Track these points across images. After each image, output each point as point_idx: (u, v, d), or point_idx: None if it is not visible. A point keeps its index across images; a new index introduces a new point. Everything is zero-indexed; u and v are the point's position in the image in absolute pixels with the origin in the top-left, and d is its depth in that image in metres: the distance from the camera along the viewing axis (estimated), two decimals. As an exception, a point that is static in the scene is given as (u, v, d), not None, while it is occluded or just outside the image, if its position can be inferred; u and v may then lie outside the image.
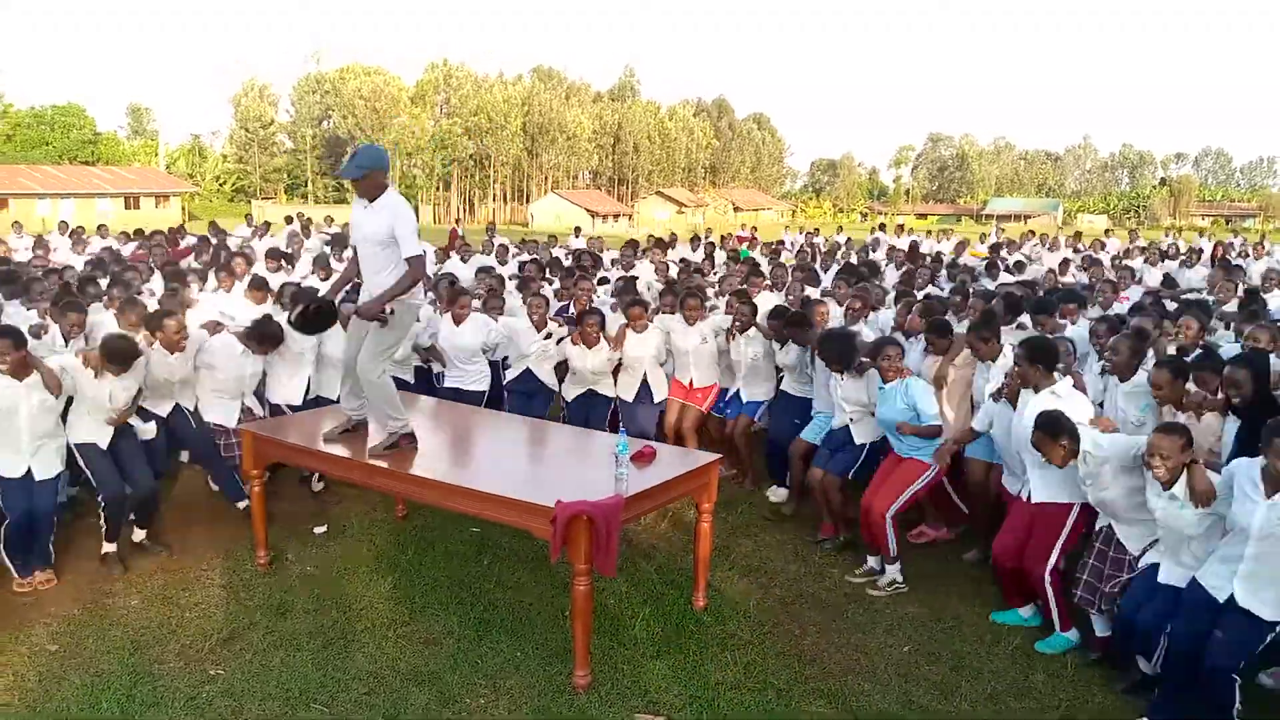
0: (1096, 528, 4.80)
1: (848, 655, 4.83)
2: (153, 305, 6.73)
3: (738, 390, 7.37)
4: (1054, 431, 4.44)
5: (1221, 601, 3.93)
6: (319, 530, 6.33)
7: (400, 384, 6.11)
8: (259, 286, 7.87)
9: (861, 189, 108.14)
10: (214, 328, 6.49)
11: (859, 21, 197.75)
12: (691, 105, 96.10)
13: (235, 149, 77.16)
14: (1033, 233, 21.74)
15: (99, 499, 5.62)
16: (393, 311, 4.95)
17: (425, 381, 7.77)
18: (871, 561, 5.82)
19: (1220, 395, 4.93)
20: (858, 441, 6.09)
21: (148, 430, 6.02)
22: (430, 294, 7.87)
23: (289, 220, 20.00)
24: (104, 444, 5.62)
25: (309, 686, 4.39)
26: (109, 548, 5.70)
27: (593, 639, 4.50)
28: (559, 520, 4.11)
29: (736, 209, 78.20)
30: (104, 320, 6.78)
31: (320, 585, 5.51)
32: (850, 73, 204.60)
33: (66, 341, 6.41)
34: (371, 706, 4.24)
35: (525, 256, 13.43)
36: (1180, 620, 4.08)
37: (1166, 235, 26.95)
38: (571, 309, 8.27)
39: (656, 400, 7.40)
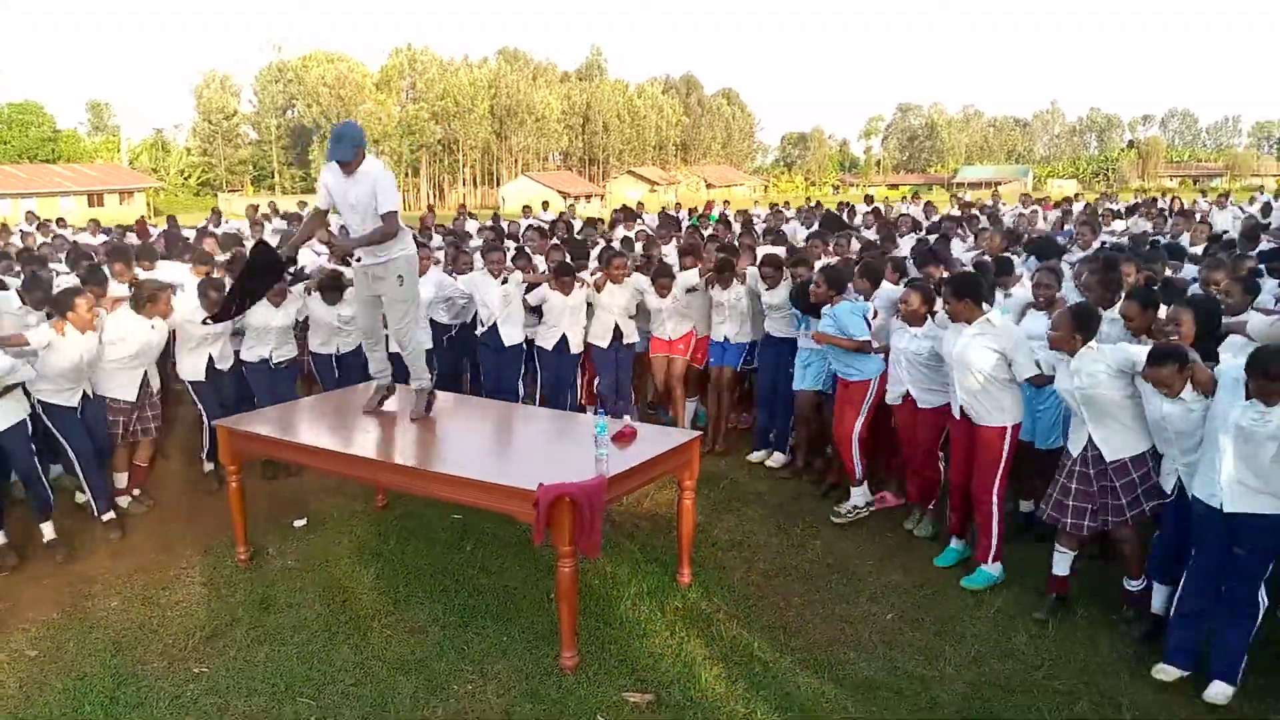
0: (1073, 453, 4.78)
1: (832, 625, 4.86)
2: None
3: (724, 339, 7.63)
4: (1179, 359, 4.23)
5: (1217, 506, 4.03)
6: (299, 523, 6.29)
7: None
8: (203, 261, 8.13)
9: (833, 161, 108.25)
10: (114, 305, 6.42)
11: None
12: (660, 83, 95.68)
13: (199, 142, 76.05)
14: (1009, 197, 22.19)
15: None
16: (401, 278, 5.35)
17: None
18: (855, 497, 6.34)
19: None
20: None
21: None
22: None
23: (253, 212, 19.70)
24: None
25: (294, 680, 4.36)
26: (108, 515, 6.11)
27: (579, 620, 4.50)
28: (541, 503, 4.10)
29: (709, 185, 77.99)
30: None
31: (302, 578, 5.47)
32: (818, 45, 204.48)
33: None
34: (359, 698, 4.22)
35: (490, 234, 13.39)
36: (1198, 543, 4.17)
37: (1135, 197, 27.30)
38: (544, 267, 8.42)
39: (627, 343, 7.83)
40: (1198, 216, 13.94)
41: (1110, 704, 4.11)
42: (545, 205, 21.59)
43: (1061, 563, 4.88)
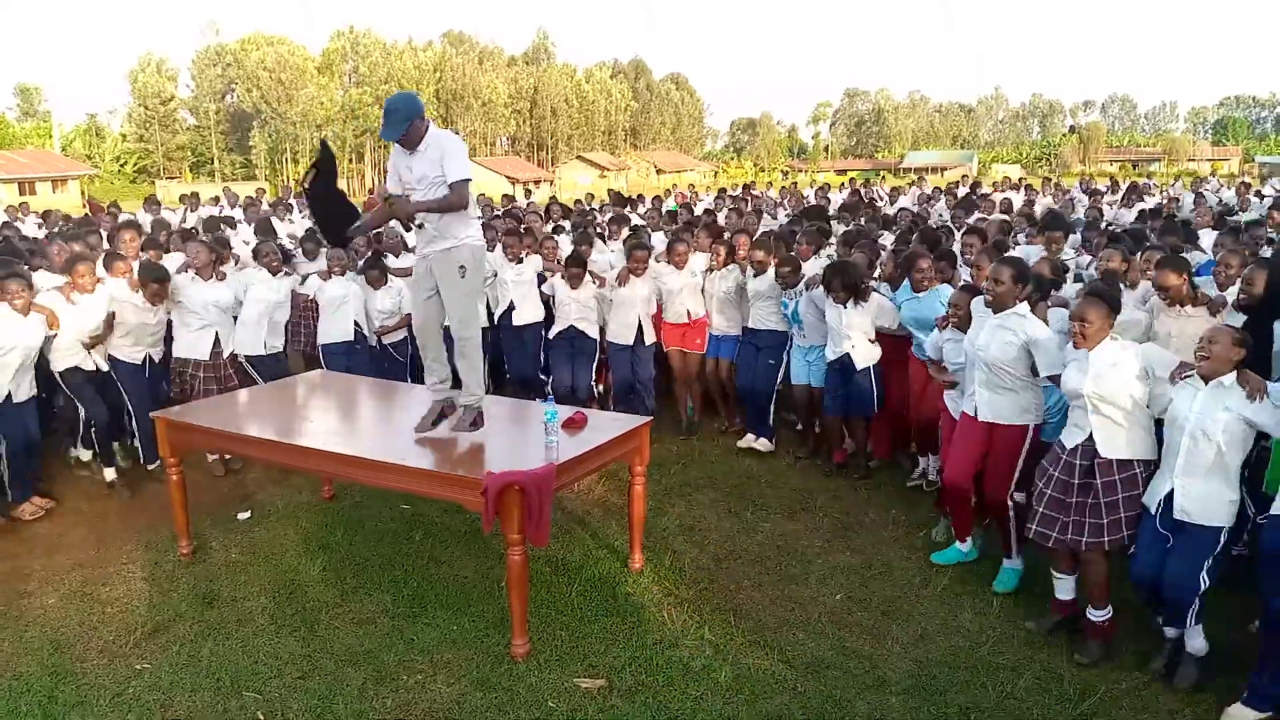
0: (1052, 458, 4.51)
1: (782, 607, 4.91)
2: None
3: (715, 333, 7.67)
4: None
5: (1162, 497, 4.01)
6: (243, 516, 6.18)
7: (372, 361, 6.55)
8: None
9: (781, 147, 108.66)
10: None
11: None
12: (608, 67, 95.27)
13: (135, 128, 73.75)
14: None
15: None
16: (464, 269, 4.63)
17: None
18: (923, 463, 6.46)
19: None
20: (859, 367, 6.41)
21: None
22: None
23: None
24: None
25: (240, 674, 4.29)
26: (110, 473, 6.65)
27: (530, 608, 4.49)
28: (490, 492, 4.08)
29: (659, 171, 77.90)
30: None
31: (247, 572, 5.38)
32: (766, 31, 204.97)
33: None
34: (306, 690, 4.16)
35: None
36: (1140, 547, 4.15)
37: (1080, 181, 27.87)
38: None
39: (649, 343, 7.69)
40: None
41: (1053, 678, 4.21)
42: (528, 192, 21.32)
43: (1060, 587, 4.57)
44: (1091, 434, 4.26)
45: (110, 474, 6.66)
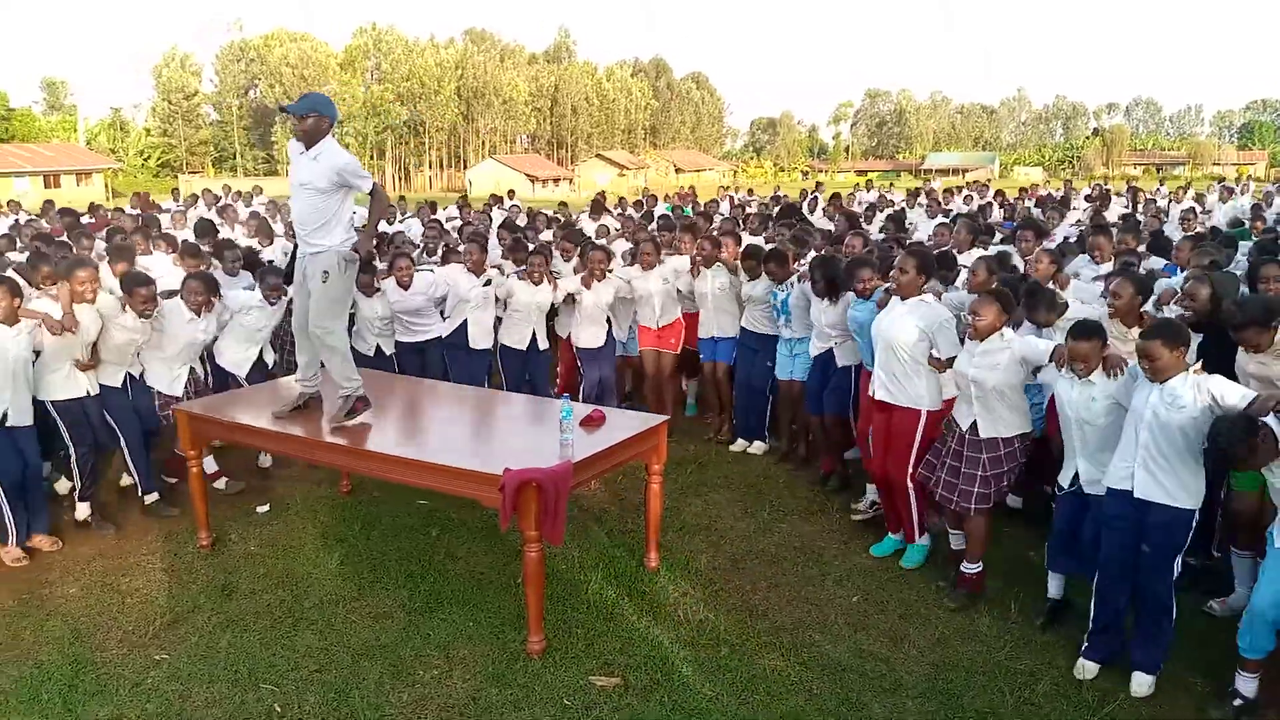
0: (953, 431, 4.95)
1: (798, 608, 4.89)
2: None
3: (711, 336, 7.54)
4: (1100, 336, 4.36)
5: (1128, 490, 4.04)
6: (262, 509, 6.21)
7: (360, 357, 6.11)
8: (193, 254, 7.58)
9: (801, 147, 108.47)
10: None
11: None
12: (629, 66, 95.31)
13: (158, 122, 74.52)
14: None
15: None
16: (326, 273, 4.85)
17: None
18: (870, 494, 6.06)
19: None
20: (840, 364, 6.35)
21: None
22: (383, 263, 7.81)
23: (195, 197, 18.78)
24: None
25: (257, 666, 4.32)
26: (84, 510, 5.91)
27: (546, 605, 4.49)
28: (507, 488, 4.08)
29: (678, 170, 77.90)
30: None
31: (265, 564, 5.41)
32: (787, 30, 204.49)
33: None
34: (322, 684, 4.18)
35: (458, 221, 13.23)
36: (1107, 538, 4.17)
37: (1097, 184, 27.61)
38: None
39: (618, 341, 7.73)
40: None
41: (1071, 683, 4.17)
42: (511, 194, 21.12)
43: (954, 539, 5.16)
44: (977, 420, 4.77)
45: (84, 510, 5.91)
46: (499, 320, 7.57)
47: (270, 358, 6.92)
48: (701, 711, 3.98)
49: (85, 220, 12.69)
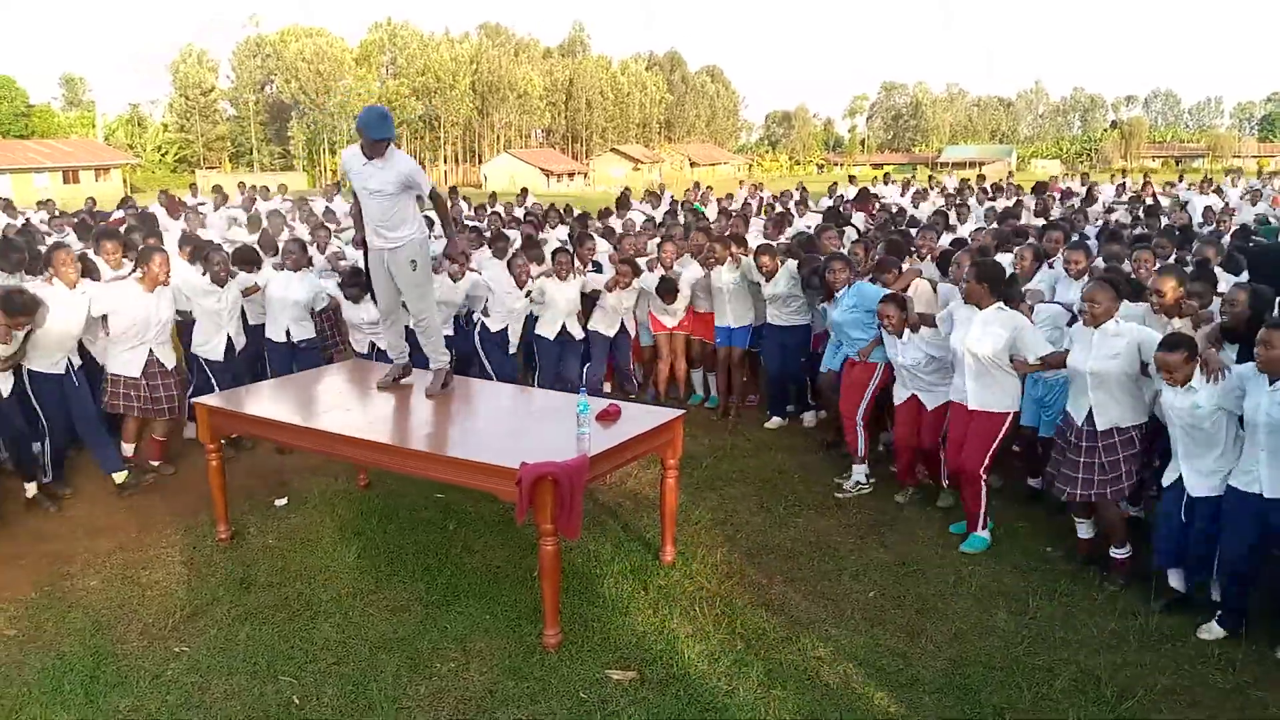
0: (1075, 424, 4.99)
1: (815, 603, 4.88)
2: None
3: (727, 325, 7.92)
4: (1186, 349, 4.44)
5: (1258, 493, 4.16)
6: (280, 502, 6.25)
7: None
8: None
9: (817, 140, 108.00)
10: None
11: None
12: (643, 59, 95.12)
13: (176, 118, 74.95)
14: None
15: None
16: (414, 262, 5.44)
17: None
18: (857, 474, 6.40)
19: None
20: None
21: None
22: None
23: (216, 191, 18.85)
24: None
25: (275, 659, 4.35)
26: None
27: (562, 598, 4.50)
28: (524, 482, 4.09)
29: (693, 164, 77.80)
30: None
31: (283, 557, 5.44)
32: (803, 22, 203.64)
33: None
34: (340, 676, 4.21)
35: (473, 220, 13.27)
36: (1229, 534, 4.31)
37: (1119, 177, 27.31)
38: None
39: (632, 336, 8.34)
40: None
41: (1090, 679, 4.15)
42: (524, 193, 20.94)
43: (1082, 528, 5.23)
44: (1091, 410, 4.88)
45: (32, 488, 6.12)
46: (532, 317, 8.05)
47: (240, 342, 7.17)
48: (718, 706, 3.98)
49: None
